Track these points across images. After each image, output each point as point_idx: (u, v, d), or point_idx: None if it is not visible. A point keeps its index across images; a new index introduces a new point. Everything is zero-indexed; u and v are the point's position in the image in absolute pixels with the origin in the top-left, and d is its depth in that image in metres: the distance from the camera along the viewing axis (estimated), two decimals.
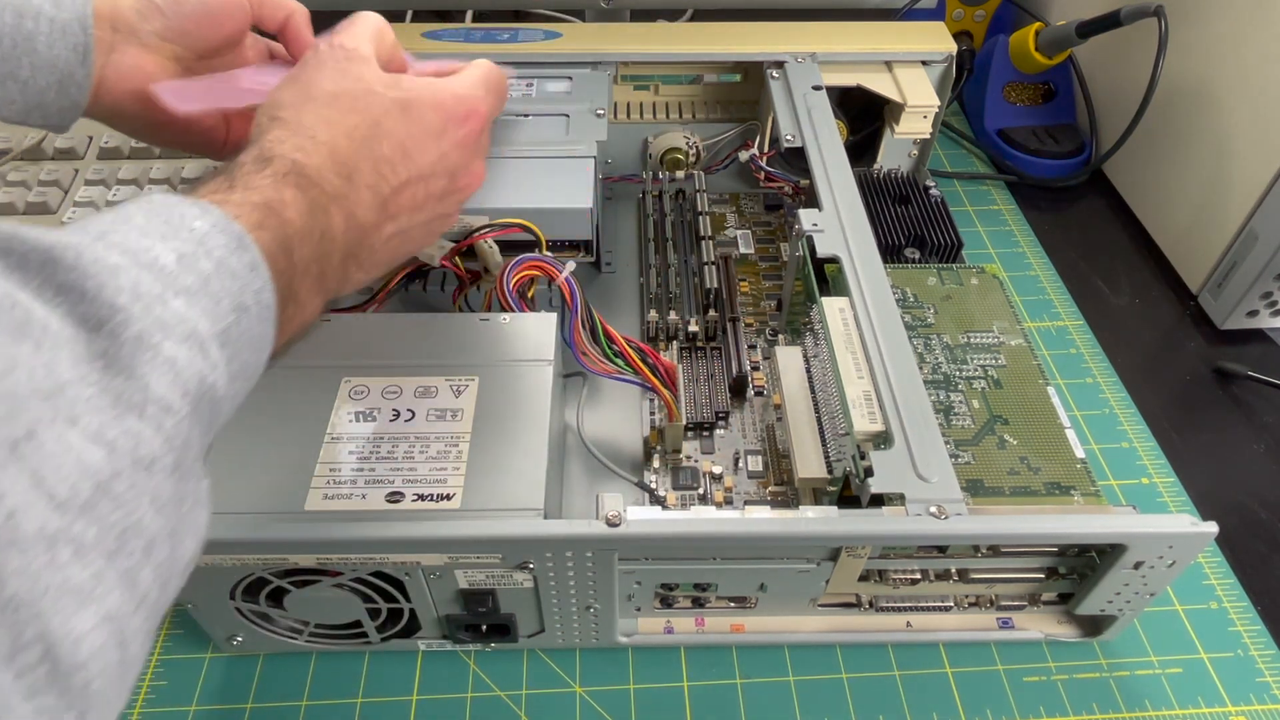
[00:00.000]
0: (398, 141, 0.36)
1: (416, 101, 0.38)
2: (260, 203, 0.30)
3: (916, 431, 0.41)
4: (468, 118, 0.40)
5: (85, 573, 0.20)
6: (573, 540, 0.38)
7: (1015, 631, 0.46)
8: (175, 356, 0.23)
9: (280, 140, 0.33)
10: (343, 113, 0.35)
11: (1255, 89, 0.59)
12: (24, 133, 0.58)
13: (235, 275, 0.27)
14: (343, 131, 0.35)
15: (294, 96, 0.36)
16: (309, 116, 0.35)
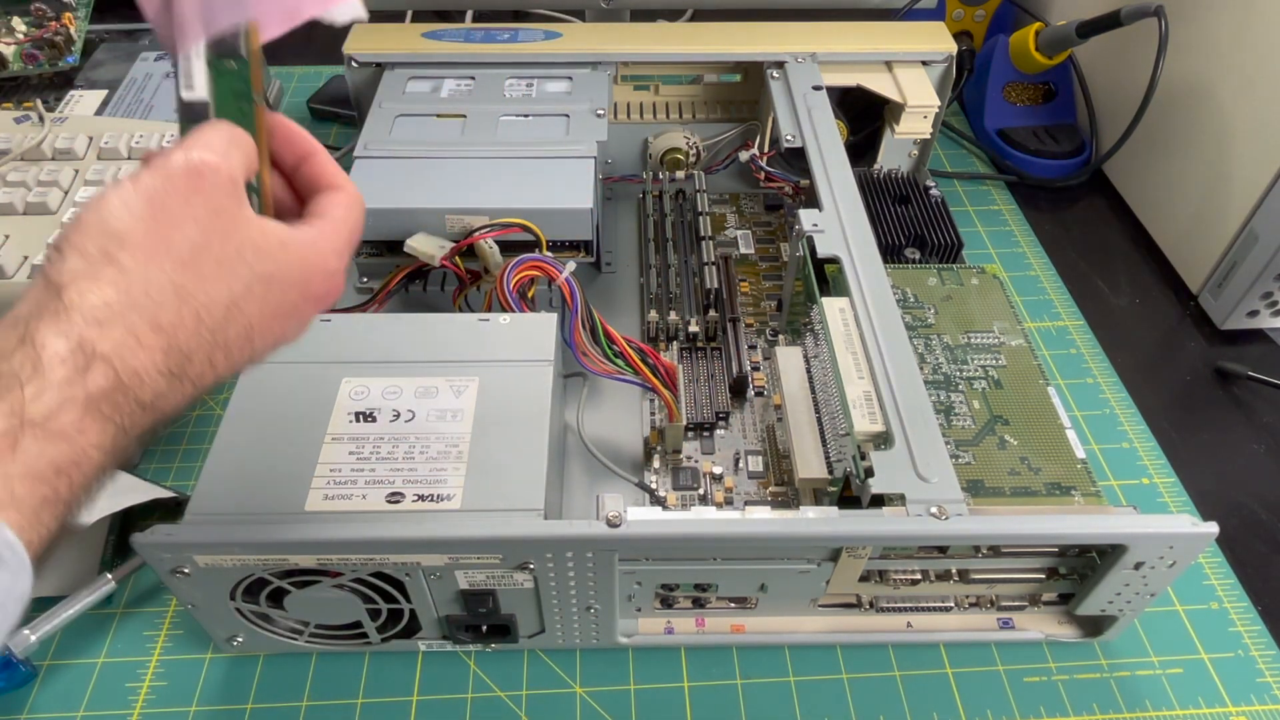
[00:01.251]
0: (246, 325, 0.29)
1: (281, 278, 0.30)
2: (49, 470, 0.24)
3: (917, 432, 0.41)
4: (326, 296, 0.33)
5: None
6: (573, 540, 0.38)
7: (1016, 632, 0.46)
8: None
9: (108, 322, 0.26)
10: (199, 282, 0.28)
11: (1255, 89, 0.59)
12: (24, 133, 0.58)
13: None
14: (192, 311, 0.27)
15: (146, 233, 0.27)
16: (158, 277, 0.27)
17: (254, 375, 0.45)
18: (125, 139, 0.57)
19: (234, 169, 0.30)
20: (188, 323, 0.27)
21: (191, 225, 0.28)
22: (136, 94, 0.69)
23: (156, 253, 0.27)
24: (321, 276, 0.32)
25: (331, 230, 0.33)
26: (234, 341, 0.29)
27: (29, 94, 0.71)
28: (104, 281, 0.26)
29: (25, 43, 0.70)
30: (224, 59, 0.32)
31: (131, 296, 0.26)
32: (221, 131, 0.31)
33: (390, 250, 0.57)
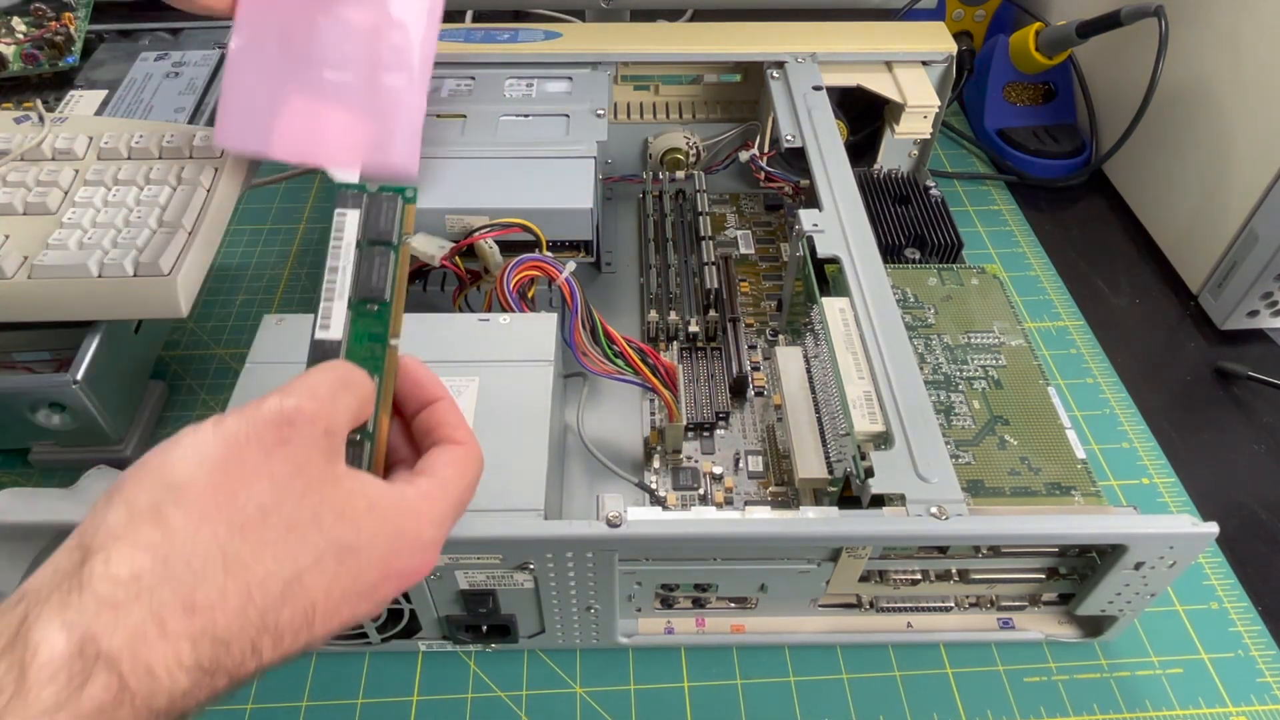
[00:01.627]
0: (308, 605, 0.24)
1: (362, 549, 0.26)
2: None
3: (917, 432, 0.41)
4: (413, 574, 0.28)
5: None
6: (573, 540, 0.38)
7: (1016, 632, 0.46)
8: None
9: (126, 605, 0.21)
10: (258, 549, 0.24)
11: (1255, 89, 0.59)
12: (24, 133, 0.58)
13: None
14: (240, 589, 0.23)
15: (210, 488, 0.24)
16: (206, 543, 0.23)
17: (254, 376, 0.45)
18: (125, 139, 0.57)
19: (334, 418, 0.27)
20: (232, 601, 0.23)
21: (265, 483, 0.24)
22: (136, 94, 0.69)
23: (214, 512, 0.23)
24: (411, 550, 0.27)
25: (437, 493, 0.29)
26: (287, 625, 0.24)
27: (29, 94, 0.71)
28: (140, 547, 0.22)
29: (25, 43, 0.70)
30: (367, 302, 0.31)
31: (169, 567, 0.22)
32: (332, 374, 0.28)
33: None
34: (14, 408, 0.49)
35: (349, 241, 0.32)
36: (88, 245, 0.50)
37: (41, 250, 0.50)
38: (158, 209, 0.53)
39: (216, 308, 0.64)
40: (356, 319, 0.31)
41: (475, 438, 0.31)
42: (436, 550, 0.29)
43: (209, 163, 0.56)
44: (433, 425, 0.31)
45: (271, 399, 0.26)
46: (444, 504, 0.29)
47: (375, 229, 0.32)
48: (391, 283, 0.31)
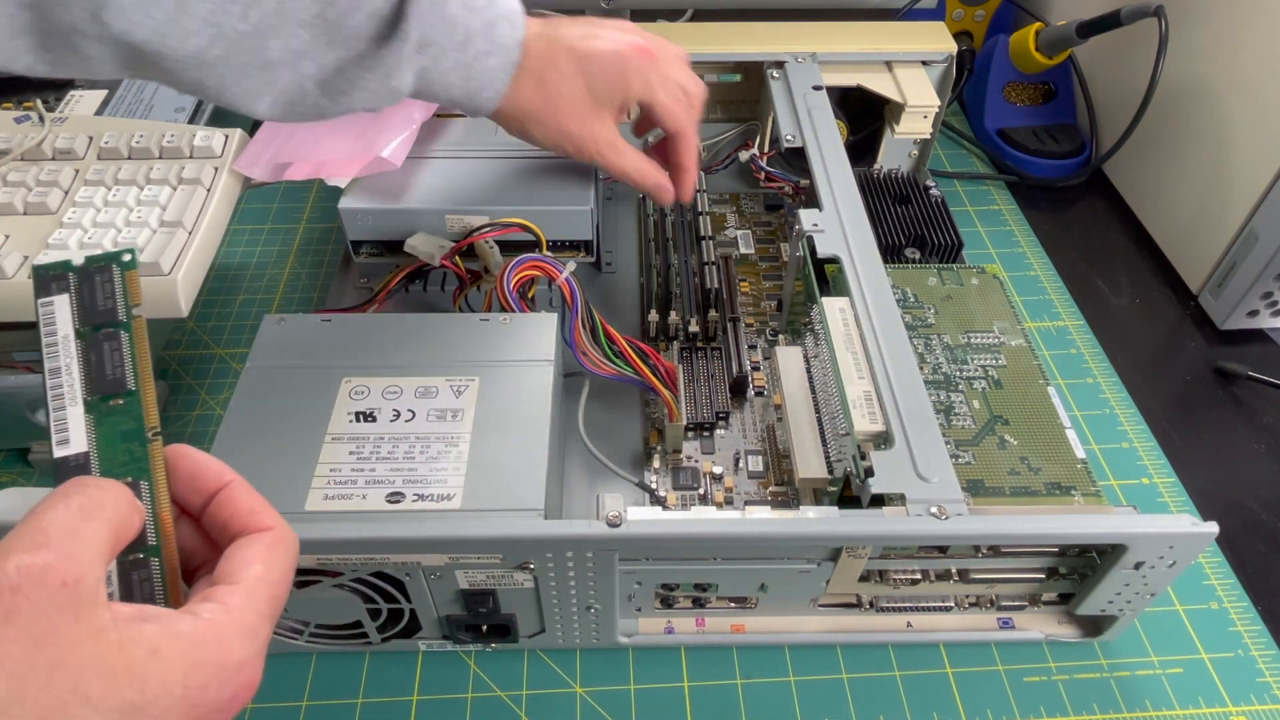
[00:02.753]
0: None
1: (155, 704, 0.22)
2: None
3: (917, 432, 0.41)
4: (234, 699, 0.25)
5: None
6: (573, 540, 0.38)
7: (1016, 631, 0.46)
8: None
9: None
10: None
11: (1255, 89, 0.59)
12: (24, 133, 0.58)
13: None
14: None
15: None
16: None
17: (254, 376, 0.45)
18: (125, 139, 0.57)
19: (76, 561, 0.22)
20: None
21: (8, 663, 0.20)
22: (136, 94, 0.69)
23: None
24: (220, 680, 0.23)
25: (239, 603, 0.25)
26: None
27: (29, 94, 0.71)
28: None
29: None
30: (108, 399, 0.26)
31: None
32: (65, 506, 0.23)
33: (390, 250, 0.57)
34: (14, 408, 0.49)
35: (65, 333, 0.27)
36: (88, 245, 0.50)
37: (42, 250, 0.50)
38: (158, 209, 0.53)
39: (216, 308, 0.64)
40: (101, 421, 0.26)
41: (280, 517, 0.27)
42: (257, 664, 0.25)
43: (209, 162, 0.56)
44: (227, 516, 0.27)
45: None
46: (252, 611, 0.25)
47: (94, 311, 0.27)
48: (133, 367, 0.27)
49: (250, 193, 0.69)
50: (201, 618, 0.24)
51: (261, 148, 0.56)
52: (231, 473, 0.28)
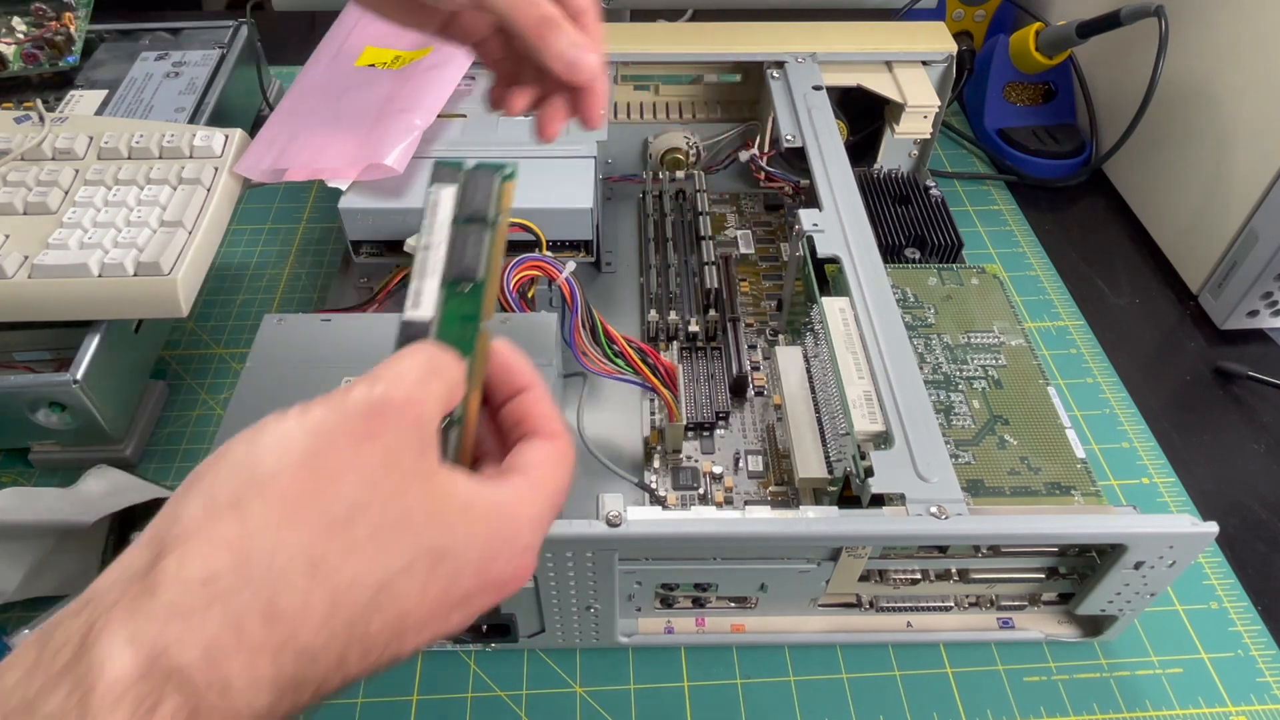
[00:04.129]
0: (398, 614, 0.23)
1: (456, 555, 0.24)
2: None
3: (917, 431, 0.41)
4: (508, 583, 0.26)
5: None
6: (573, 540, 0.38)
7: (1015, 631, 0.46)
8: None
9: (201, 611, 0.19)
10: (345, 554, 0.22)
11: (1255, 89, 0.59)
12: (24, 133, 0.58)
13: None
14: (327, 596, 0.21)
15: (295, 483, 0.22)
16: (291, 544, 0.21)
17: (254, 376, 0.45)
18: (125, 139, 0.57)
19: (425, 407, 0.25)
20: (317, 609, 0.21)
21: (355, 480, 0.22)
22: (136, 94, 0.69)
23: (299, 510, 0.21)
24: (508, 555, 0.25)
25: (531, 493, 0.26)
26: (377, 635, 0.22)
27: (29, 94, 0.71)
28: (218, 545, 0.20)
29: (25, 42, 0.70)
30: (459, 282, 0.29)
31: (249, 569, 0.20)
32: (421, 358, 0.26)
33: (390, 250, 0.57)
34: (14, 407, 0.49)
35: (443, 219, 0.30)
36: (88, 245, 0.50)
37: (42, 250, 0.50)
38: (158, 209, 0.53)
39: (216, 308, 0.64)
40: (448, 299, 0.29)
41: (568, 432, 0.29)
42: (534, 556, 0.26)
43: (209, 162, 0.56)
44: (522, 416, 0.29)
45: (359, 387, 0.24)
46: (539, 505, 0.26)
47: (470, 206, 0.30)
48: (486, 261, 0.30)
49: (250, 193, 0.69)
50: (502, 495, 0.25)
51: (262, 150, 0.56)
52: (538, 378, 0.29)
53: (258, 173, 0.55)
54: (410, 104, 0.58)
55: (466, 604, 0.24)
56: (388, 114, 0.57)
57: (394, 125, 0.56)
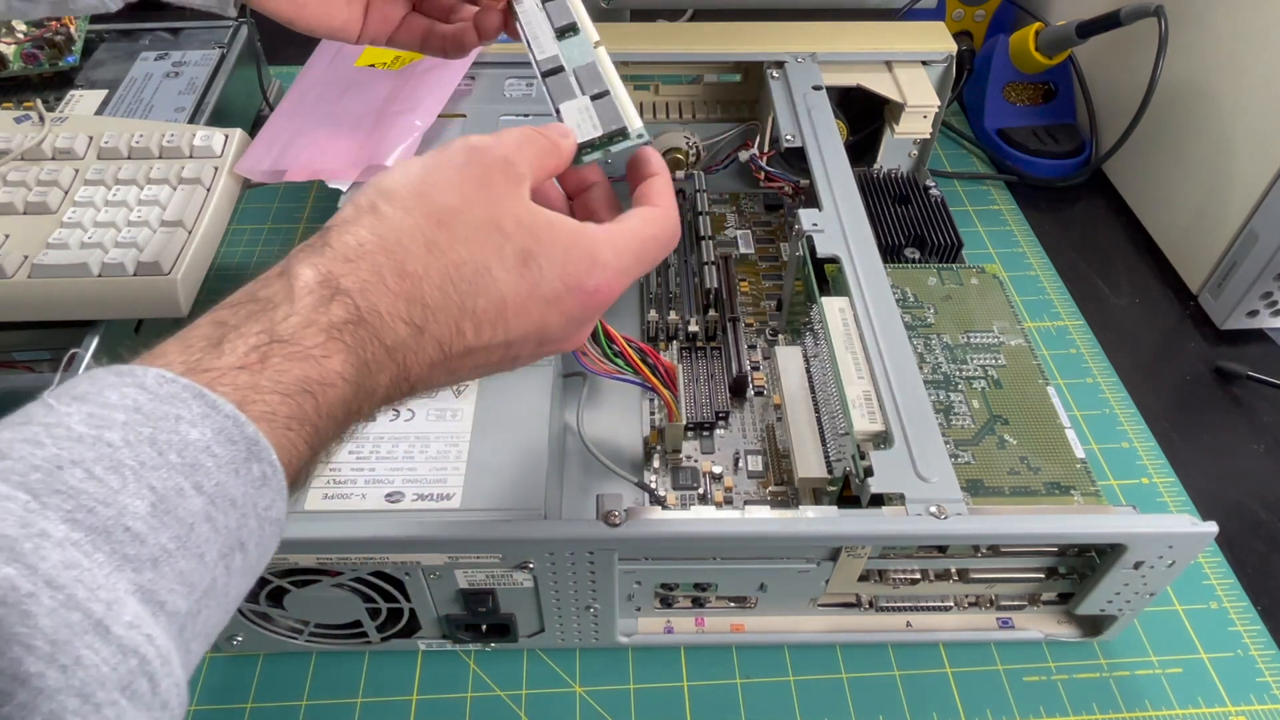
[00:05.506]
0: (499, 299, 0.29)
1: (541, 256, 0.29)
2: (295, 387, 0.24)
3: (916, 431, 0.41)
4: (595, 292, 0.31)
5: None
6: (573, 540, 0.38)
7: (1015, 631, 0.46)
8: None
9: (356, 260, 0.27)
10: (451, 240, 0.28)
11: (1255, 89, 0.59)
12: (24, 132, 0.58)
13: (234, 504, 0.22)
14: (440, 269, 0.28)
15: (411, 191, 0.29)
16: (411, 227, 0.28)
17: None
18: (125, 139, 0.57)
19: (512, 154, 0.31)
20: (434, 275, 0.28)
21: (455, 192, 0.29)
22: (136, 94, 0.69)
23: (416, 208, 0.29)
24: (588, 265, 0.30)
25: (617, 230, 0.32)
26: (484, 313, 0.29)
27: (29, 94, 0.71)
28: (362, 225, 0.28)
29: (25, 42, 0.70)
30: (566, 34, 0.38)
31: (383, 240, 0.28)
32: (519, 131, 0.32)
33: None
34: (14, 407, 0.49)
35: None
36: (88, 245, 0.50)
37: (42, 250, 0.50)
38: (158, 208, 0.53)
39: None
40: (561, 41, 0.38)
41: (676, 211, 0.34)
42: (615, 276, 0.31)
43: (209, 162, 0.56)
44: (643, 193, 0.34)
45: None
46: (625, 239, 0.32)
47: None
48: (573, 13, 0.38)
49: (250, 193, 0.69)
50: (590, 225, 0.31)
51: (262, 150, 0.56)
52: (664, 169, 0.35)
53: (258, 173, 0.55)
54: (410, 104, 0.58)
55: (558, 304, 0.30)
56: (388, 114, 0.57)
57: (394, 126, 0.56)
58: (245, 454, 0.22)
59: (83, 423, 0.20)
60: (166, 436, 0.21)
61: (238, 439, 0.22)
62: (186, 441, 0.21)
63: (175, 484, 0.20)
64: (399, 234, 0.28)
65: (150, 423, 0.21)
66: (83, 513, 0.19)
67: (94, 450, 0.20)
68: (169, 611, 0.20)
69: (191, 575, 0.20)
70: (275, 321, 0.25)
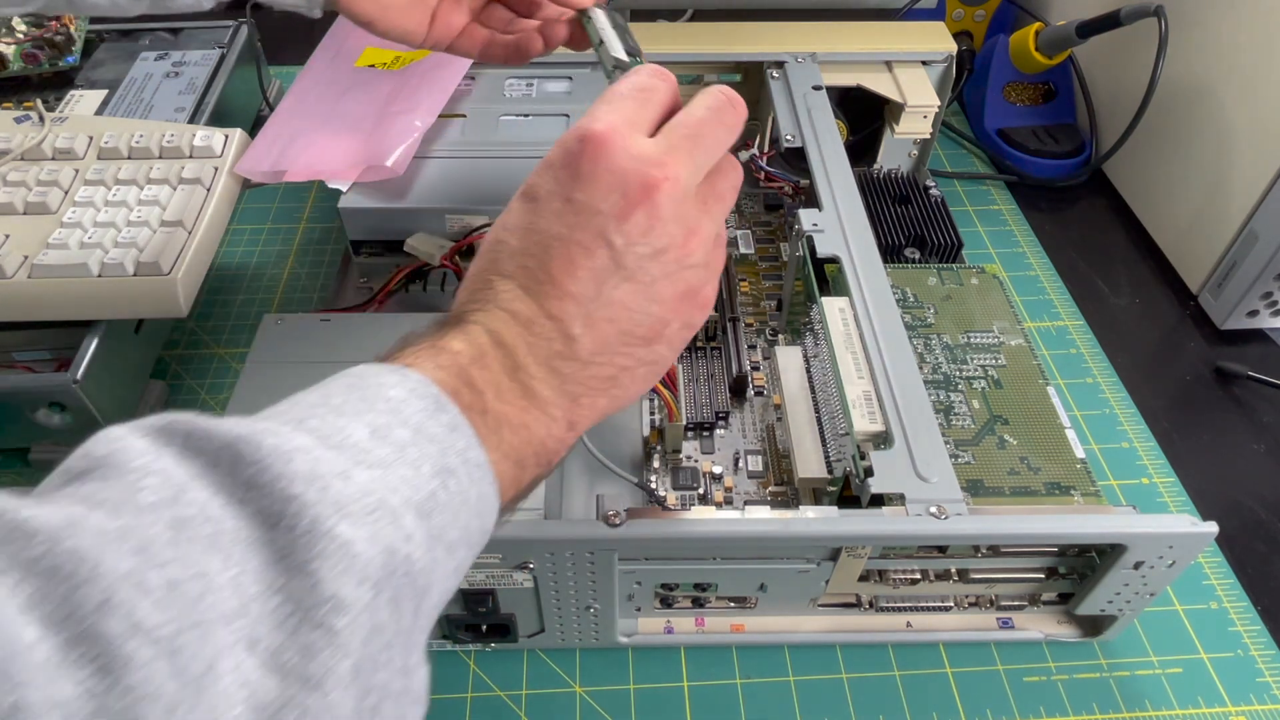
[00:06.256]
0: (544, 240, 0.30)
1: (538, 179, 0.31)
2: (451, 363, 0.28)
3: (916, 431, 0.41)
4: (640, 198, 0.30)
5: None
6: (573, 540, 0.38)
7: (1015, 631, 0.46)
8: (351, 539, 0.22)
9: (484, 251, 0.31)
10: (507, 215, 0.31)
11: (1255, 89, 0.59)
12: (24, 132, 0.58)
13: (434, 439, 0.25)
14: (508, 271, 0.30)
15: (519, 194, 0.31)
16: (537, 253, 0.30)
17: (254, 375, 0.45)
18: (125, 139, 0.57)
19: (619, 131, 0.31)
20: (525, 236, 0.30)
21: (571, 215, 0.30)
22: (136, 94, 0.69)
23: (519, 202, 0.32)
24: (606, 171, 0.30)
25: (605, 108, 0.31)
26: (555, 265, 0.30)
27: (29, 94, 0.71)
28: (496, 227, 0.32)
29: (25, 42, 0.70)
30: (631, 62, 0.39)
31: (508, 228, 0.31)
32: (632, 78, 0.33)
33: (390, 250, 0.57)
34: (14, 407, 0.49)
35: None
36: (88, 245, 0.50)
37: (42, 250, 0.50)
38: (158, 208, 0.53)
39: (216, 308, 0.64)
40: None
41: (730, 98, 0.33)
42: (649, 168, 0.30)
43: (209, 162, 0.56)
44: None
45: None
46: (616, 110, 0.31)
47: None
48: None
49: (250, 193, 0.69)
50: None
51: (262, 150, 0.56)
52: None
53: (258, 173, 0.55)
54: (410, 105, 0.58)
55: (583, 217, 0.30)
56: (388, 115, 0.57)
57: (394, 126, 0.56)
58: (434, 406, 0.26)
59: (313, 394, 0.27)
60: (374, 394, 0.26)
61: (426, 395, 0.26)
62: (389, 397, 0.26)
63: (385, 421, 0.25)
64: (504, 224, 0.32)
65: (361, 387, 0.26)
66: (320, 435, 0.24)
67: (324, 407, 0.25)
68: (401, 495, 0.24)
69: (412, 479, 0.24)
70: (444, 330, 0.30)
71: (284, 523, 0.21)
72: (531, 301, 0.29)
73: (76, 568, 0.18)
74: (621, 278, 0.30)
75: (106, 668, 0.17)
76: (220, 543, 0.20)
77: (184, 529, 0.20)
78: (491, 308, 0.30)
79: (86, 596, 0.18)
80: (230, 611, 0.20)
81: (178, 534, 0.20)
